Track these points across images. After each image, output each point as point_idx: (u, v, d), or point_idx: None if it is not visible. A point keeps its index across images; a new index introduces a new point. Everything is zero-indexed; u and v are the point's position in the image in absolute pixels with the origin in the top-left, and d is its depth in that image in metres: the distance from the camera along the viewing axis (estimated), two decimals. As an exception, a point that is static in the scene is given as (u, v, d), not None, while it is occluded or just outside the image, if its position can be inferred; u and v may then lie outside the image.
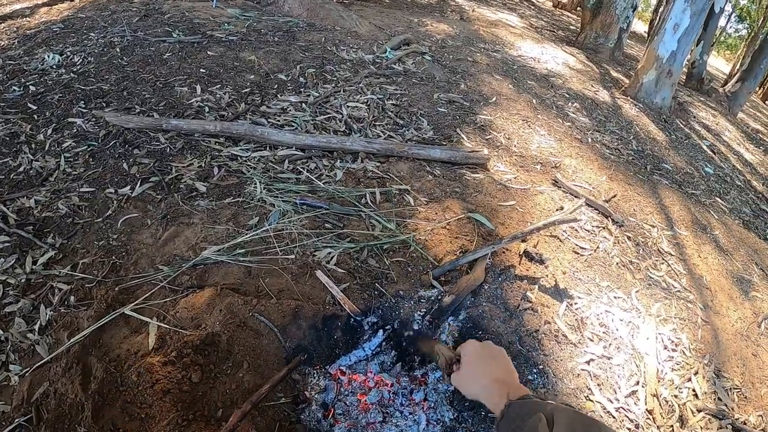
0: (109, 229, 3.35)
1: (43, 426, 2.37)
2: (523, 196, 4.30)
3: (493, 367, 1.46)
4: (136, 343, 2.59)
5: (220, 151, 4.21)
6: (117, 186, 3.74)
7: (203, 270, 3.02)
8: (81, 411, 2.37)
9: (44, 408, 2.44)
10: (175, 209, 3.52)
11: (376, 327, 2.90)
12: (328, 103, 5.18)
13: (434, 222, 3.66)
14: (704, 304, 3.93)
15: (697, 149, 7.64)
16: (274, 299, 2.83)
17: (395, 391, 2.67)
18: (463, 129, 5.20)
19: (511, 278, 3.36)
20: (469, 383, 1.45)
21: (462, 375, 1.48)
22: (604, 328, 3.33)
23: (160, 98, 4.96)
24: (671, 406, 3.02)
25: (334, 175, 4.06)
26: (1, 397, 2.54)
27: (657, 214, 4.95)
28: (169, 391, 2.38)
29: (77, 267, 3.10)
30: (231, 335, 2.60)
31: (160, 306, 2.79)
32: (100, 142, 4.23)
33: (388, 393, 2.65)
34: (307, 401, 2.58)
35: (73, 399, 2.41)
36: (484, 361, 1.48)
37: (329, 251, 3.24)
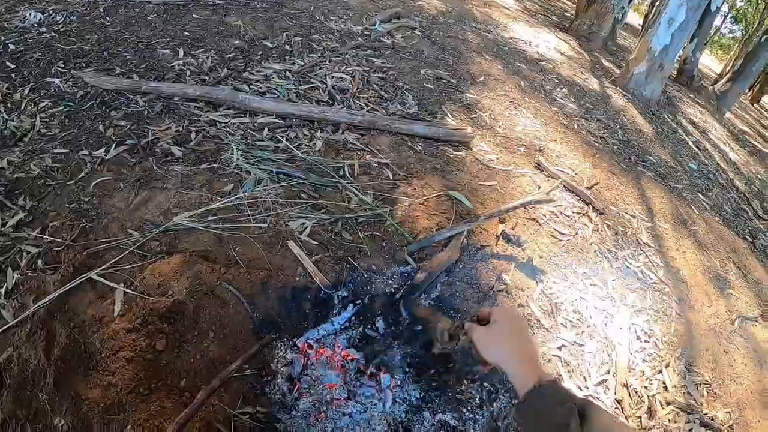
0: (81, 192, 3.26)
1: (5, 392, 2.32)
2: (505, 177, 4.26)
3: (526, 340, 1.39)
4: (101, 309, 2.53)
5: (199, 115, 4.12)
6: (92, 148, 3.63)
7: (174, 236, 2.95)
8: (43, 377, 2.33)
9: (7, 374, 2.38)
10: (149, 173, 3.43)
11: (346, 301, 2.86)
12: (312, 73, 5.08)
13: (412, 198, 3.61)
14: (679, 298, 3.94)
15: (683, 144, 7.63)
16: (243, 268, 2.78)
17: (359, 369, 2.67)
18: (448, 106, 5.13)
19: (486, 259, 3.33)
20: (496, 347, 1.37)
21: (489, 336, 1.39)
22: (577, 314, 3.33)
23: (141, 60, 4.83)
24: (640, 398, 3.04)
25: (313, 145, 3.99)
26: None
27: (638, 204, 4.94)
28: (133, 359, 2.34)
29: (47, 230, 3.01)
30: (197, 304, 2.56)
31: (128, 272, 2.72)
32: (77, 103, 4.12)
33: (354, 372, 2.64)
34: (272, 374, 2.54)
35: (36, 365, 2.36)
36: (520, 332, 1.40)
37: (303, 222, 3.18)
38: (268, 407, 2.42)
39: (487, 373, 2.70)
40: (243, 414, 2.35)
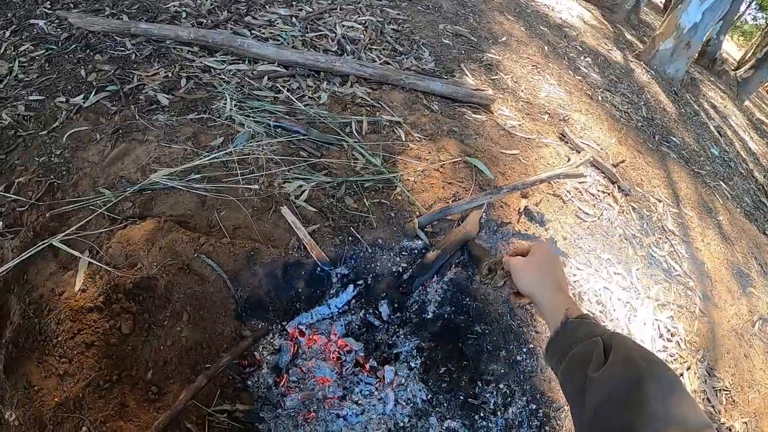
0: (53, 144, 2.91)
1: None
2: (527, 147, 3.88)
3: (561, 274, 1.42)
4: (62, 283, 2.17)
5: (192, 61, 3.72)
6: (70, 95, 3.27)
7: (150, 196, 2.55)
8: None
9: None
10: (130, 123, 3.04)
11: (346, 281, 2.48)
12: (321, 20, 4.66)
13: (426, 162, 3.21)
14: (703, 294, 3.72)
15: (705, 128, 7.37)
16: (227, 238, 2.36)
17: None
18: (467, 65, 4.72)
19: (508, 237, 2.97)
20: (532, 276, 1.42)
21: (528, 265, 1.45)
22: (601, 306, 3.07)
23: (134, 0, 4.41)
24: None
25: (318, 97, 3.58)
26: None
27: (664, 188, 4.66)
28: (93, 344, 1.99)
29: (12, 187, 2.68)
30: (170, 279, 2.16)
31: (95, 238, 2.35)
32: (59, 46, 3.75)
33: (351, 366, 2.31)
34: (256, 364, 2.17)
35: None
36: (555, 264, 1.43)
37: (300, 184, 2.76)
38: (249, 404, 2.07)
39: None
40: (220, 412, 1.99)
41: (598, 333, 1.11)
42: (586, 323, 1.18)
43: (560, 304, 1.26)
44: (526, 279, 1.42)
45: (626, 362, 0.98)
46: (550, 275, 1.39)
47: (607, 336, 1.08)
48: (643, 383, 0.92)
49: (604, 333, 1.10)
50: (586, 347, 1.08)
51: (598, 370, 1.00)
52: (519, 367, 2.46)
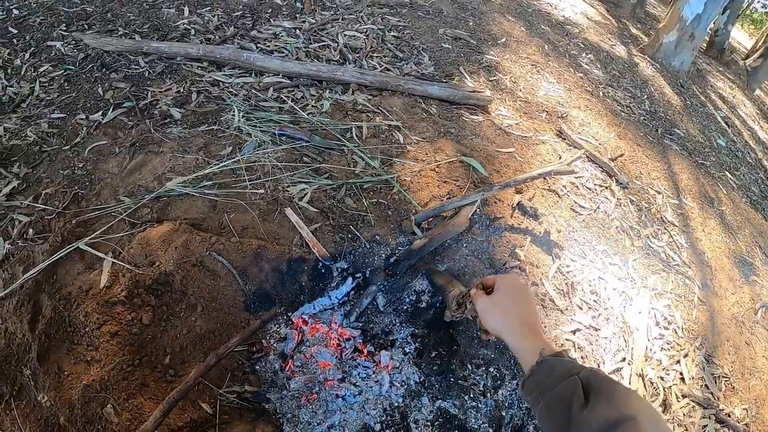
0: (76, 158, 3.14)
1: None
2: (524, 144, 4.01)
3: (530, 309, 1.39)
4: (88, 281, 2.40)
5: (201, 76, 3.94)
6: (89, 112, 3.52)
7: (166, 202, 2.78)
8: (28, 352, 2.23)
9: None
10: (146, 137, 3.28)
11: (345, 274, 2.68)
12: (324, 31, 4.85)
13: (423, 163, 3.38)
14: (703, 283, 3.75)
15: (711, 119, 7.32)
16: (236, 237, 2.59)
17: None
18: (466, 68, 4.86)
19: (500, 231, 3.11)
20: (497, 316, 1.39)
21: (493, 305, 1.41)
22: (595, 296, 3.14)
23: (145, 20, 4.65)
24: (656, 389, 2.88)
25: (320, 105, 3.78)
26: None
27: (664, 179, 4.69)
28: (117, 333, 2.21)
29: (39, 197, 2.90)
30: (185, 275, 2.40)
31: (117, 241, 2.57)
32: (77, 66, 3.99)
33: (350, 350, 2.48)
34: (264, 350, 2.38)
35: (21, 339, 2.26)
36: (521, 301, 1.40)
37: (303, 187, 2.98)
38: (257, 386, 2.28)
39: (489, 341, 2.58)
40: (230, 393, 2.20)
41: (575, 372, 1.14)
42: (562, 361, 1.20)
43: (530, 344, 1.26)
44: (492, 320, 1.39)
45: (610, 402, 1.04)
46: (517, 314, 1.36)
47: (585, 374, 1.13)
48: (629, 421, 0.99)
49: (581, 371, 1.14)
50: (565, 387, 1.11)
51: (583, 409, 1.04)
52: (509, 353, 2.59)
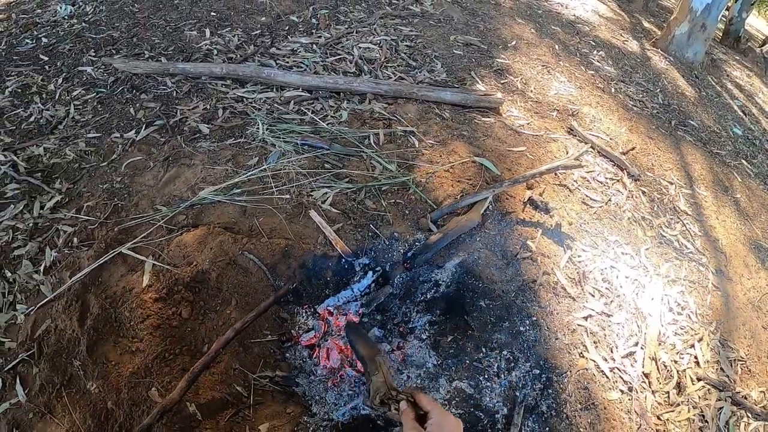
0: (114, 173, 3.40)
1: (43, 360, 2.47)
2: (535, 143, 4.16)
3: None
4: (131, 281, 2.63)
5: (226, 93, 4.19)
6: (123, 131, 3.78)
7: (200, 209, 3.03)
8: (77, 345, 2.45)
9: (45, 343, 2.53)
10: (178, 151, 3.53)
11: (367, 269, 2.88)
12: (339, 44, 5.08)
13: (437, 165, 3.58)
14: (717, 269, 3.78)
15: (727, 108, 7.25)
16: (265, 238, 2.83)
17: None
18: (478, 72, 5.03)
19: (512, 225, 3.28)
20: None
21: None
22: (607, 284, 3.24)
23: (169, 43, 4.93)
24: (669, 372, 2.95)
25: (339, 116, 4.00)
26: (9, 334, 2.65)
27: (677, 170, 4.74)
28: (160, 327, 2.43)
29: (81, 210, 3.16)
30: (220, 273, 2.62)
31: (156, 245, 2.81)
32: (108, 89, 4.27)
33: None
34: (293, 340, 2.58)
35: (71, 334, 2.49)
36: None
37: (325, 191, 3.21)
38: (287, 372, 2.48)
39: (502, 326, 2.73)
40: (262, 377, 2.41)
41: None
42: None
43: None
44: None
45: None
46: None
47: None
48: None
49: None
50: None
51: None
52: (522, 337, 2.75)
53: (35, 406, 2.36)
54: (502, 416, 2.49)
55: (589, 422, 2.54)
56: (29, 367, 2.49)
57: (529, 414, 2.52)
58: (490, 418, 2.48)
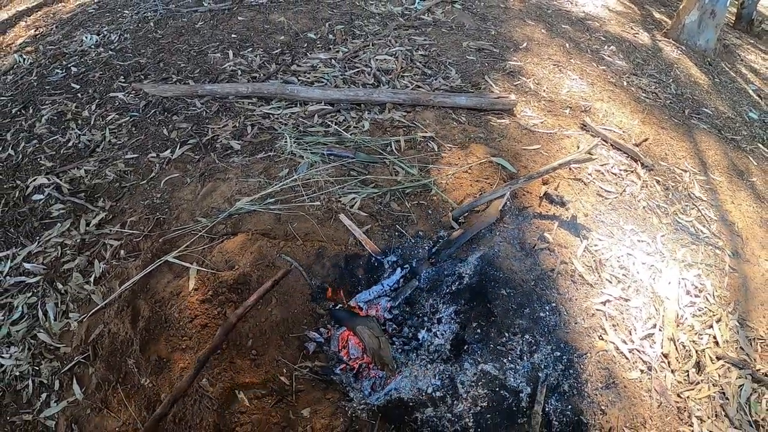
0: (153, 190, 3.65)
1: (98, 361, 2.72)
2: (549, 140, 4.33)
3: None
4: (178, 286, 2.88)
5: (253, 110, 4.42)
6: (158, 150, 4.02)
7: (237, 219, 3.27)
8: (130, 345, 2.71)
9: (99, 346, 2.78)
10: (212, 167, 3.77)
11: (395, 265, 3.09)
12: (357, 58, 5.29)
13: (456, 167, 3.78)
14: (734, 252, 3.84)
15: (742, 93, 7.21)
16: (300, 241, 3.07)
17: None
18: (491, 76, 5.21)
19: (529, 219, 3.46)
20: None
21: None
22: (623, 270, 3.35)
23: (194, 66, 5.17)
24: (688, 352, 3.03)
25: (361, 126, 4.22)
26: (64, 340, 2.90)
27: (690, 158, 4.80)
28: (206, 325, 2.67)
29: (126, 225, 3.41)
30: (260, 274, 2.85)
31: (199, 252, 3.05)
32: (141, 112, 4.51)
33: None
34: (328, 333, 2.79)
35: (124, 336, 2.74)
36: None
37: (353, 197, 3.44)
38: (325, 362, 2.69)
39: (523, 312, 2.89)
40: (303, 368, 2.62)
41: None
42: None
43: None
44: None
45: None
46: None
47: None
48: None
49: None
50: None
51: None
52: (542, 322, 2.91)
53: (92, 403, 2.59)
54: (526, 395, 2.65)
55: (610, 400, 2.67)
56: (85, 368, 2.73)
57: (551, 393, 2.67)
58: (514, 397, 2.64)
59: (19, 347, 2.89)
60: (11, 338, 2.93)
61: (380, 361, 2.07)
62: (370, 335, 2.42)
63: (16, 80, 5.34)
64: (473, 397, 2.62)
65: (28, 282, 3.19)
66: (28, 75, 5.39)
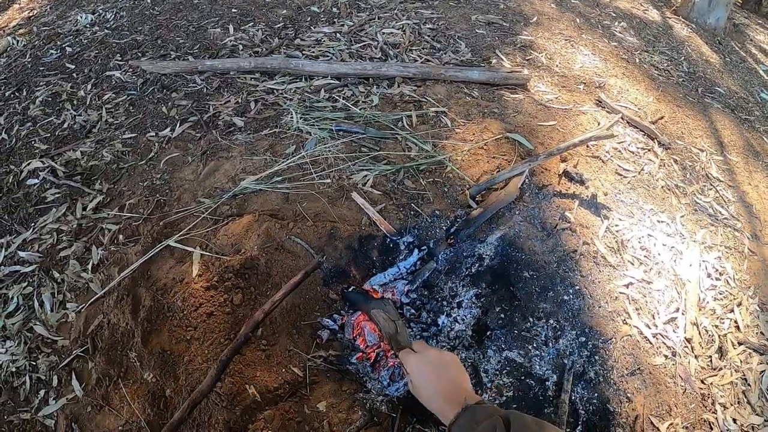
0: (153, 170, 3.48)
1: (98, 354, 2.57)
2: (565, 117, 4.17)
3: (441, 377, 1.52)
4: (180, 272, 2.70)
5: (255, 86, 4.25)
6: (157, 129, 3.86)
7: (243, 199, 3.09)
8: (132, 337, 2.54)
9: (99, 338, 2.62)
10: (215, 145, 3.60)
11: (412, 246, 2.92)
12: (362, 32, 5.11)
13: (471, 143, 3.61)
14: (752, 234, 3.78)
15: (753, 74, 7.15)
16: (310, 222, 2.88)
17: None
18: (502, 50, 5.04)
19: (549, 198, 3.30)
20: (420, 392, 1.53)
21: (413, 382, 1.58)
22: (645, 251, 3.25)
23: (194, 42, 4.99)
24: (711, 337, 2.95)
25: (370, 100, 4.04)
26: (61, 333, 2.75)
27: (707, 137, 4.72)
28: (212, 314, 2.49)
29: (124, 208, 3.25)
30: (269, 258, 2.67)
31: (203, 236, 2.88)
32: (138, 91, 4.36)
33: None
34: (342, 319, 2.64)
35: (125, 327, 2.58)
36: (430, 372, 1.54)
37: (365, 174, 3.25)
38: (340, 351, 2.53)
39: (547, 296, 2.80)
40: (317, 358, 2.47)
41: (497, 413, 1.27)
42: (485, 407, 1.35)
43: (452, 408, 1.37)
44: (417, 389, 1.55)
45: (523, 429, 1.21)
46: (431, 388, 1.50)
47: (505, 413, 1.27)
48: None
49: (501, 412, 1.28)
50: (488, 424, 1.23)
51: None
52: (566, 305, 2.78)
53: (93, 400, 2.45)
54: (552, 383, 2.53)
55: (636, 387, 2.56)
56: (84, 363, 2.59)
57: (577, 380, 2.55)
58: (540, 386, 2.51)
59: (15, 341, 2.75)
60: (7, 332, 2.80)
61: (397, 346, 1.93)
62: (386, 318, 2.26)
63: (9, 63, 5.20)
64: (497, 387, 2.49)
65: (23, 271, 3.05)
66: (22, 57, 5.24)
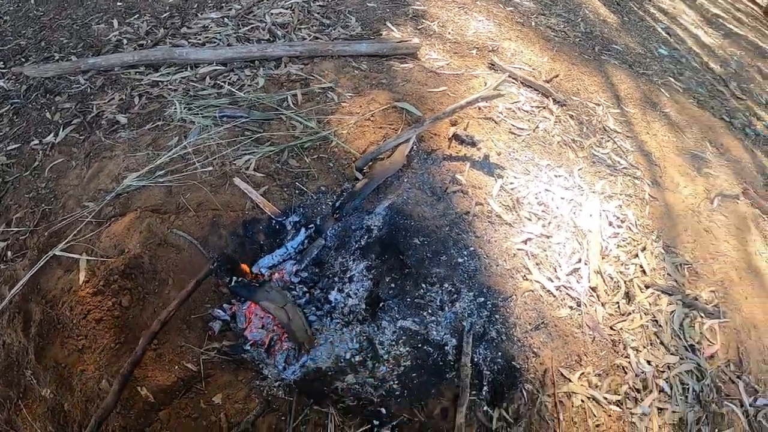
0: (37, 179, 3.35)
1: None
2: (456, 82, 4.20)
3: None
4: (68, 281, 2.62)
5: (140, 80, 4.11)
6: (41, 136, 3.69)
7: (126, 198, 3.01)
8: (26, 355, 2.47)
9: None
10: (98, 146, 3.47)
11: (298, 225, 2.91)
12: (251, 14, 4.99)
13: (358, 115, 3.60)
14: (653, 180, 3.89)
15: (652, 31, 7.32)
16: (192, 212, 2.83)
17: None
18: (393, 21, 5.00)
19: (438, 162, 3.34)
20: None
21: None
22: (543, 207, 3.32)
23: (78, 41, 4.77)
24: (617, 283, 3.04)
25: (256, 83, 3.97)
26: None
27: (603, 92, 4.82)
28: (101, 320, 2.44)
29: (11, 222, 3.12)
30: (152, 255, 2.62)
31: (88, 241, 2.79)
32: (22, 98, 4.15)
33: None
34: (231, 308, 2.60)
35: (18, 346, 2.51)
36: None
37: (248, 158, 3.21)
38: (234, 340, 2.51)
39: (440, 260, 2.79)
40: (210, 350, 2.43)
41: None
42: None
43: None
44: None
45: None
46: None
47: None
48: None
49: None
50: None
51: None
52: (461, 268, 2.81)
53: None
54: (452, 347, 2.57)
55: (542, 341, 2.64)
56: (-18, 389, 2.50)
57: (478, 342, 2.59)
58: (440, 351, 2.55)
59: None
60: None
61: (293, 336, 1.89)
62: (276, 308, 2.23)
63: None
64: (395, 357, 2.52)
65: None
66: None
